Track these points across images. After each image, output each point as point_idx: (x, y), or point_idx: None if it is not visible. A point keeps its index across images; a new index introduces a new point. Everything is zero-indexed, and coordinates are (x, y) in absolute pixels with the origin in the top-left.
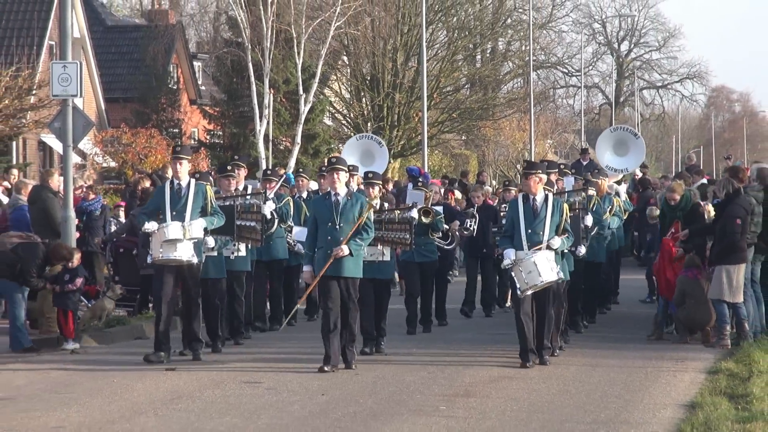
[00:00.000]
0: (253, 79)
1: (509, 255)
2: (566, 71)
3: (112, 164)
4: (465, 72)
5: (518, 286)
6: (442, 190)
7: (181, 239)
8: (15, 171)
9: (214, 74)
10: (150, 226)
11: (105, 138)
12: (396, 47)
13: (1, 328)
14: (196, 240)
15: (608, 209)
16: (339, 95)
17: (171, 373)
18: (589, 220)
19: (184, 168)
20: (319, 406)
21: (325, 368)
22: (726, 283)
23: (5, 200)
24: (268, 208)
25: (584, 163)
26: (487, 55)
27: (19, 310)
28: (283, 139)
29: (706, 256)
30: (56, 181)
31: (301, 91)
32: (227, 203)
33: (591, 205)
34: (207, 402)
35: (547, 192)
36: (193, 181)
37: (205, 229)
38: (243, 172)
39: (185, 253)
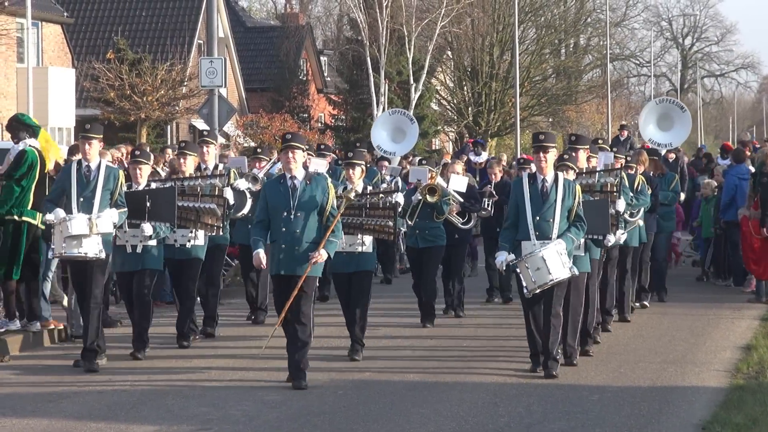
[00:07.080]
0: (370, 71)
1: (501, 257)
2: (638, 62)
3: (252, 144)
4: (551, 64)
5: (525, 285)
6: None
7: (87, 234)
8: (169, 150)
9: (338, 67)
10: (53, 216)
11: (245, 122)
12: (492, 43)
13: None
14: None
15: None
16: (444, 84)
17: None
18: (620, 204)
19: (94, 148)
20: (428, 349)
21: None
22: None
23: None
24: (243, 185)
25: (621, 138)
26: (570, 49)
27: None
28: None
29: None
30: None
31: (411, 81)
32: (167, 185)
33: (636, 186)
34: (334, 348)
35: (557, 172)
36: (104, 162)
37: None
38: (214, 150)
39: (91, 248)
